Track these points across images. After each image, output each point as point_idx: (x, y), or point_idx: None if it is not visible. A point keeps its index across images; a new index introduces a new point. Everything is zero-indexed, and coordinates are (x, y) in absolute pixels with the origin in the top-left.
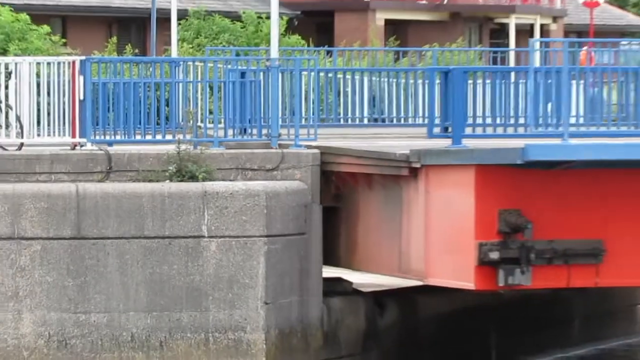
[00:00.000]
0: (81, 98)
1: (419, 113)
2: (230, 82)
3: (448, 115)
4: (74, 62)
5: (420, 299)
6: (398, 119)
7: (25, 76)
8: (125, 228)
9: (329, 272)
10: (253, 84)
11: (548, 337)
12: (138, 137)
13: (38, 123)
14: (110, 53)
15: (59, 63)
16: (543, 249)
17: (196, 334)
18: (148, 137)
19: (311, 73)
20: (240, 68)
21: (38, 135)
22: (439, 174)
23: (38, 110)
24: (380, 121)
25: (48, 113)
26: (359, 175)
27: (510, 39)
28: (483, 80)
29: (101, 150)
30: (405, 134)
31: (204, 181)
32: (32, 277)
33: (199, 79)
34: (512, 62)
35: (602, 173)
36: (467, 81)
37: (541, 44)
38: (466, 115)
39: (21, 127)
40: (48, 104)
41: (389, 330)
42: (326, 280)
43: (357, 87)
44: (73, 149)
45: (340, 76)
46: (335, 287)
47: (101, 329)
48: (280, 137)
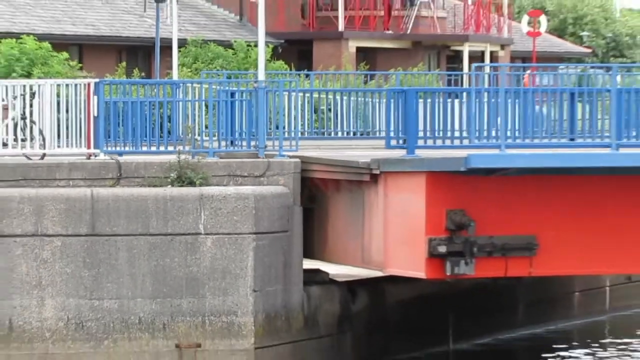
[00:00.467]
0: (95, 115)
1: (382, 127)
2: (222, 101)
3: (403, 129)
4: (89, 84)
5: (387, 287)
6: (363, 133)
7: (47, 96)
8: (133, 226)
9: (309, 264)
10: (243, 103)
11: (497, 320)
12: (144, 148)
13: (58, 136)
14: (120, 76)
15: (76, 85)
16: (484, 244)
17: (194, 317)
18: (153, 148)
19: (292, 93)
20: (231, 89)
21: (58, 146)
22: (396, 180)
23: (58, 125)
24: (349, 134)
25: (66, 127)
26: (329, 180)
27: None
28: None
29: (112, 159)
30: (369, 146)
31: (201, 186)
32: (53, 269)
33: (197, 99)
34: (466, 84)
35: (536, 178)
36: (418, 100)
37: (478, 68)
38: (418, 128)
39: (43, 140)
40: (66, 120)
41: (360, 314)
42: (306, 271)
43: (332, 105)
44: (88, 159)
45: (316, 96)
46: (314, 277)
47: (113, 313)
48: (266, 148)
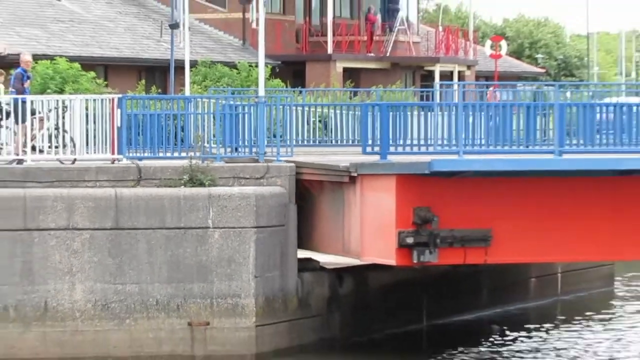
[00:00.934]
0: (119, 125)
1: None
2: (228, 114)
3: (377, 137)
4: (113, 99)
5: (370, 274)
6: (344, 140)
7: (77, 109)
8: (151, 221)
9: (302, 254)
10: (245, 115)
11: (464, 302)
12: (161, 154)
13: (87, 144)
14: (140, 92)
15: (102, 100)
16: (446, 236)
17: (204, 300)
18: (168, 154)
19: (287, 107)
20: (235, 103)
21: (87, 152)
22: (370, 181)
23: (87, 134)
24: (334, 142)
25: (94, 136)
26: (315, 181)
27: (436, 82)
28: (403, 112)
29: (133, 164)
30: (350, 152)
31: (210, 187)
32: (83, 258)
33: (206, 112)
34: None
35: (490, 180)
36: (390, 113)
37: (441, 86)
38: (389, 137)
39: (74, 147)
40: (94, 130)
41: (347, 297)
42: (300, 260)
43: (322, 117)
44: (112, 163)
45: (308, 109)
46: (306, 265)
47: (134, 296)
48: (265, 154)
